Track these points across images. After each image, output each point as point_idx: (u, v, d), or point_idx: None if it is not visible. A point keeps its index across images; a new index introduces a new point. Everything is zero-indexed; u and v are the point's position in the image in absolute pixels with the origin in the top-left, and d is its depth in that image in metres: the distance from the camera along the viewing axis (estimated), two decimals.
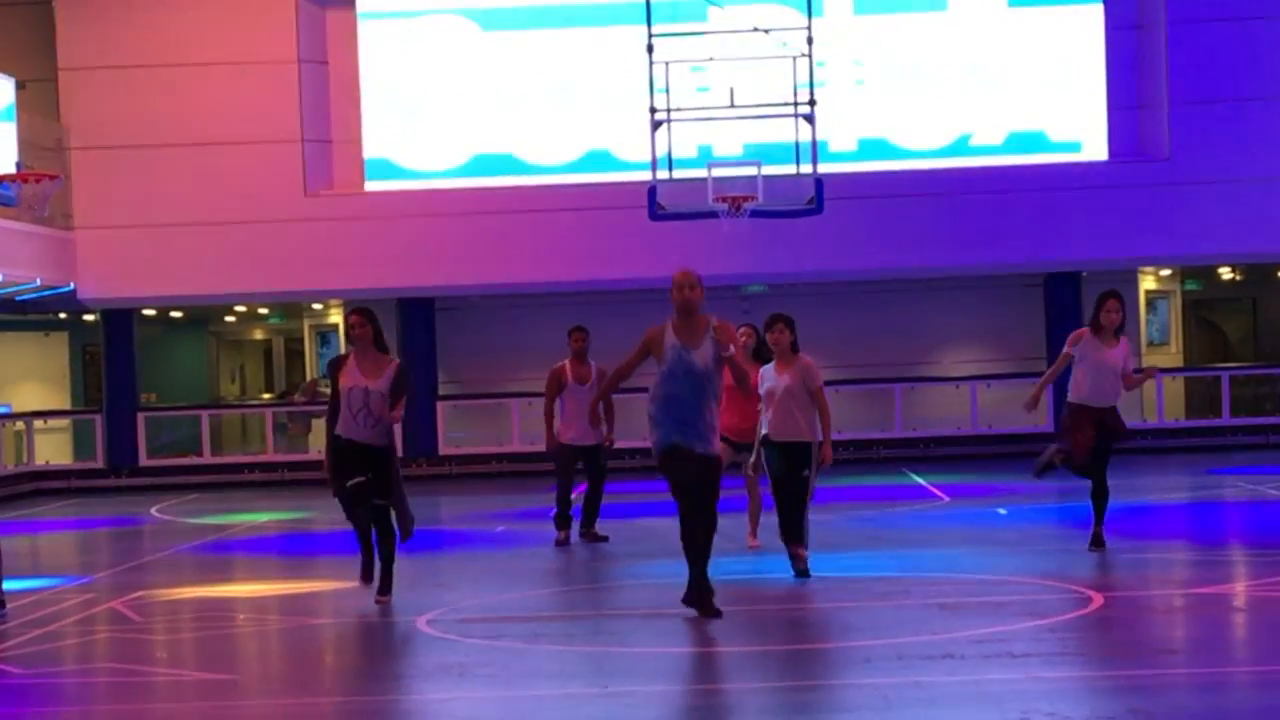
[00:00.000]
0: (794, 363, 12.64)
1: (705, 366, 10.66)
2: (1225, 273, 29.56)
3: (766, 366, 12.89)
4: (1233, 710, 7.99)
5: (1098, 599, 10.99)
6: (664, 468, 10.84)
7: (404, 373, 11.70)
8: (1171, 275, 29.14)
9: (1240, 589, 11.49)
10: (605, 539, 15.46)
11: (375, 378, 11.47)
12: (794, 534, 12.59)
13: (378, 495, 11.59)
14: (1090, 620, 10.28)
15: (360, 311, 11.61)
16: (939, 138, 26.78)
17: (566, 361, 15.53)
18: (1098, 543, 13.48)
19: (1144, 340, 28.70)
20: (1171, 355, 29.18)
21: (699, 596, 10.85)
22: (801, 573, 12.53)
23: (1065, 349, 13.38)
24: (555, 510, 15.67)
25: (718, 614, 10.72)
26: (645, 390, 11.00)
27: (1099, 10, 26.65)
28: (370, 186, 27.04)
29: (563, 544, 15.32)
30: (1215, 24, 25.91)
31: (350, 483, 11.50)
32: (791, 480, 12.54)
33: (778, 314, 12.87)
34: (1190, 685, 8.49)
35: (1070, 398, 13.26)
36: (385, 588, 11.85)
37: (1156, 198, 25.88)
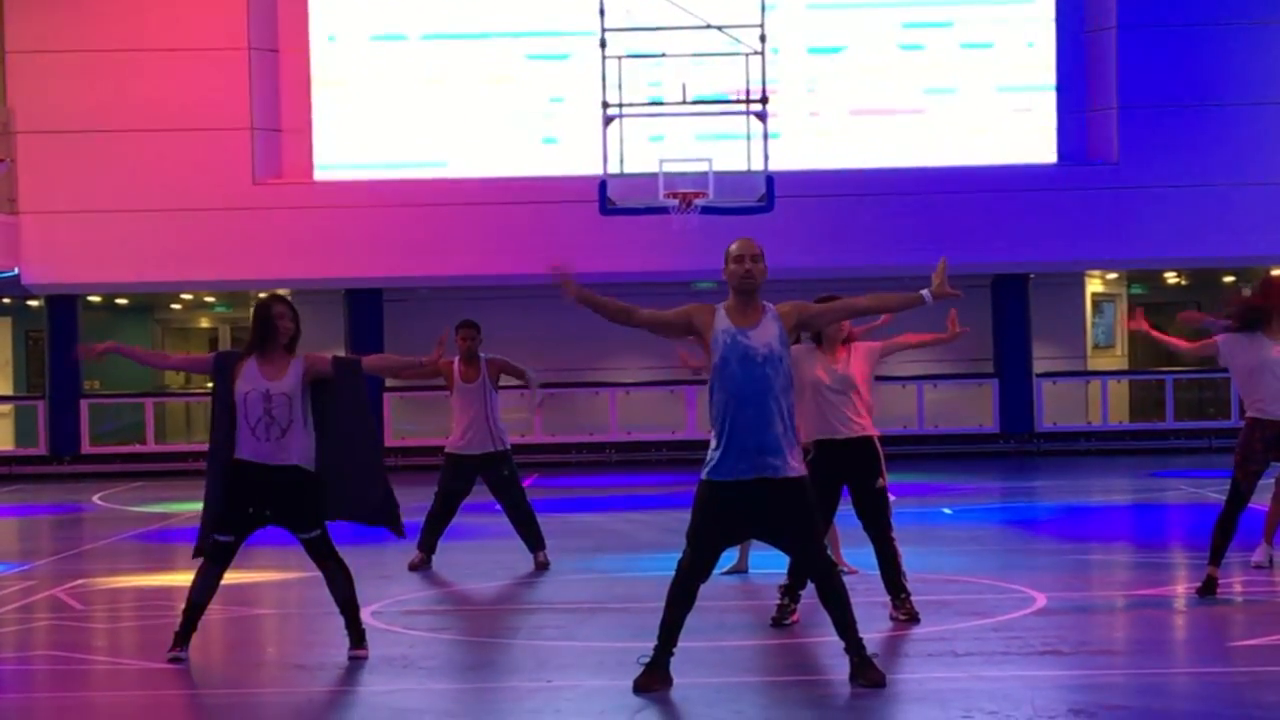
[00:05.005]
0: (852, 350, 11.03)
1: (769, 349, 8.32)
2: (1171, 277, 29.75)
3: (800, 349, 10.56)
4: (1173, 711, 8.03)
5: (1040, 599, 11.05)
6: (701, 506, 8.43)
7: (319, 360, 9.54)
8: (1118, 279, 29.30)
9: (1181, 591, 11.57)
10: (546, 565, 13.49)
11: (277, 378, 9.31)
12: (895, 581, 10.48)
13: (301, 529, 9.41)
14: (1033, 620, 10.32)
15: (288, 303, 9.59)
16: (890, 137, 26.84)
17: (455, 359, 13.88)
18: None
19: (1089, 343, 28.87)
20: (1117, 358, 29.37)
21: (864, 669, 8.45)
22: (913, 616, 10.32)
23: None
24: (422, 526, 13.65)
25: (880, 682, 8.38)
26: (585, 385, 10.81)
27: (1050, 14, 26.76)
28: (319, 176, 26.89)
29: (415, 567, 13.43)
30: (1165, 29, 26.06)
31: (216, 539, 9.36)
32: (864, 498, 10.63)
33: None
34: (1131, 686, 8.54)
35: None
36: (359, 639, 9.59)
37: (1104, 201, 26.02)
